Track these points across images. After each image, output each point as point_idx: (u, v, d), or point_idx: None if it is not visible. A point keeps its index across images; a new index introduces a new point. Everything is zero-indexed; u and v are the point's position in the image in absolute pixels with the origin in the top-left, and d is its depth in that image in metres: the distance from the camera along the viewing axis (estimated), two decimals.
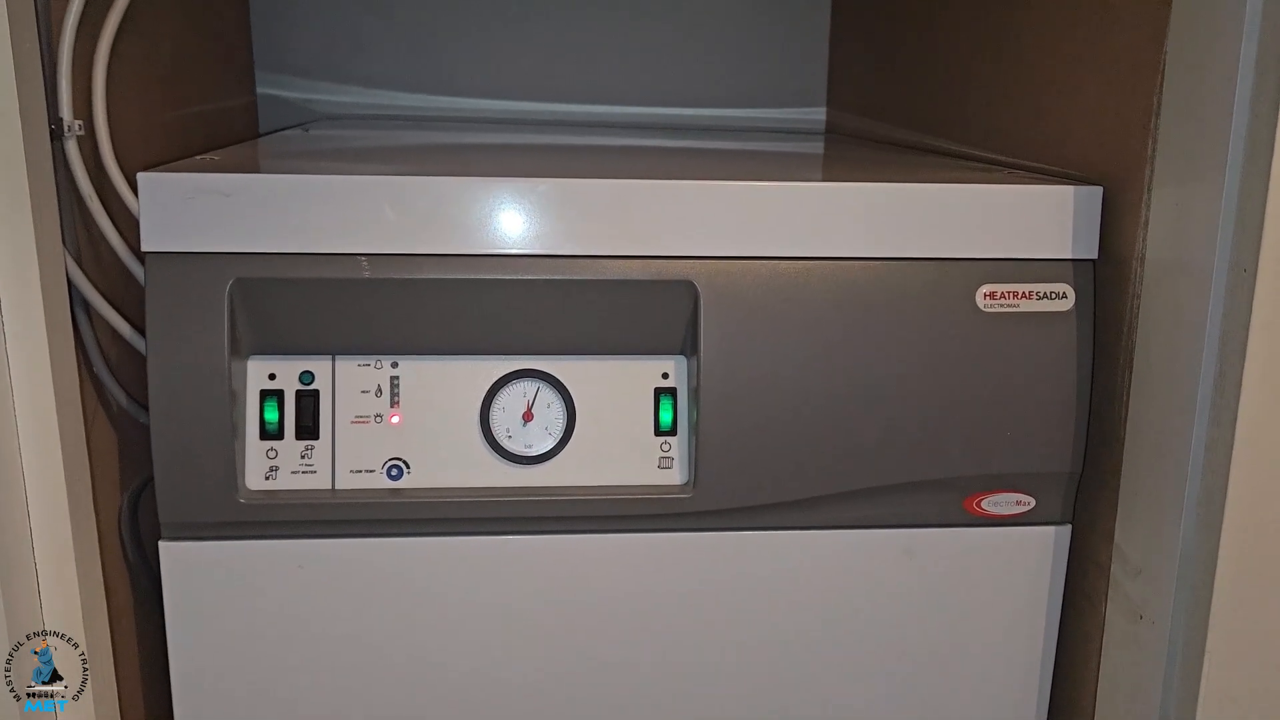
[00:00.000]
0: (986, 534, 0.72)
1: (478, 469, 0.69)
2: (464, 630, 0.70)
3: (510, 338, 0.69)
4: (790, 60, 1.34)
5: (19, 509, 0.65)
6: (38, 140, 0.63)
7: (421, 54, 1.29)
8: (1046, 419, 0.70)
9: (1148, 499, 0.67)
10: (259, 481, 0.67)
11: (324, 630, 0.69)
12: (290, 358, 0.68)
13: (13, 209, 0.61)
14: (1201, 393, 0.61)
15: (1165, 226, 0.65)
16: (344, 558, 0.68)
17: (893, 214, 0.68)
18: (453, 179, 0.65)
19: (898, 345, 0.68)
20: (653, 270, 0.67)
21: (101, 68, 0.71)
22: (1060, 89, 0.77)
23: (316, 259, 0.65)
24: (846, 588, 0.72)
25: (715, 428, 0.68)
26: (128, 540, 0.78)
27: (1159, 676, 0.66)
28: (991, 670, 0.75)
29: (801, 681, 0.74)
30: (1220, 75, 0.59)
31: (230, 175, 0.64)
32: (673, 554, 0.70)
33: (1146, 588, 0.67)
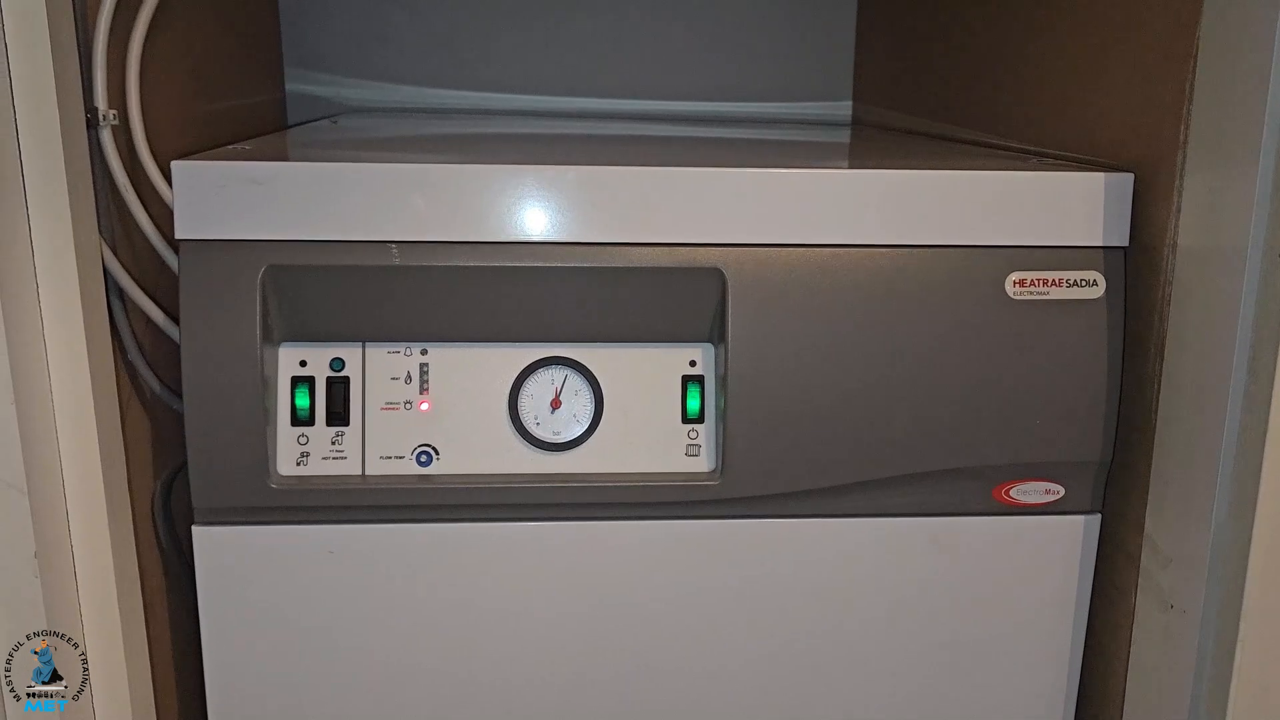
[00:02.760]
0: (1015, 523, 0.72)
1: (506, 455, 0.69)
2: (492, 615, 0.71)
3: (538, 325, 0.69)
4: (816, 53, 1.34)
5: (56, 494, 0.65)
6: (74, 128, 0.64)
7: (449, 49, 1.29)
8: (1076, 407, 0.69)
9: (1179, 488, 0.66)
10: (290, 467, 0.68)
11: (354, 614, 0.70)
12: (321, 345, 0.69)
13: (50, 196, 0.62)
14: (1234, 380, 0.61)
15: (1198, 213, 0.64)
16: (373, 543, 0.69)
17: (920, 201, 0.68)
18: (482, 167, 0.66)
19: (926, 333, 0.68)
20: (680, 258, 0.67)
21: (135, 59, 0.72)
22: (1090, 76, 0.77)
23: (347, 246, 0.65)
24: (873, 577, 0.72)
25: (742, 415, 0.68)
26: (161, 526, 0.79)
27: (1190, 667, 0.65)
28: (1020, 661, 0.75)
29: (828, 670, 0.74)
30: (1254, 59, 0.58)
31: (263, 164, 0.65)
32: (699, 541, 0.70)
33: (1177, 577, 0.67)
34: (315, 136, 0.91)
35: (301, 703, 0.72)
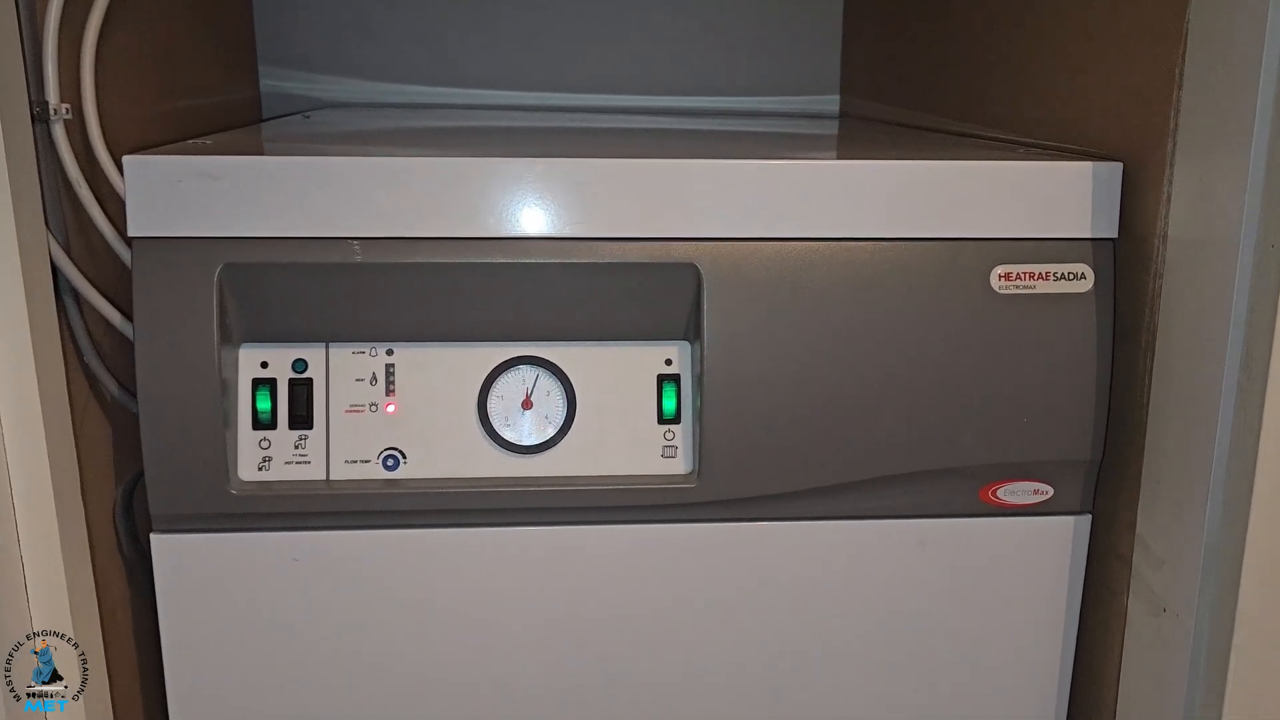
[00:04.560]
0: (1003, 524, 0.70)
1: (476, 459, 0.67)
2: (462, 623, 0.69)
3: (508, 323, 0.67)
4: (804, 46, 1.32)
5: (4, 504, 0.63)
6: (17, 121, 0.61)
7: (427, 44, 1.27)
8: (1065, 405, 0.68)
9: (1171, 487, 0.65)
10: (252, 472, 0.66)
11: (319, 622, 0.68)
12: (283, 345, 0.66)
13: None
14: (1227, 375, 0.59)
15: (1189, 203, 0.63)
16: (339, 549, 0.67)
17: (903, 193, 0.66)
18: (447, 159, 0.64)
19: (909, 329, 0.66)
20: (654, 252, 0.65)
21: (90, 51, 0.70)
22: (1078, 64, 0.75)
23: (307, 243, 0.63)
24: (857, 580, 0.70)
25: (720, 415, 0.66)
26: (123, 533, 0.77)
27: (1183, 671, 0.63)
28: (1010, 664, 0.73)
29: (811, 675, 0.72)
30: (1245, 45, 0.57)
31: (218, 158, 0.63)
32: (677, 545, 0.69)
33: (1170, 579, 0.65)
34: (281, 131, 0.89)
35: (265, 711, 0.70)
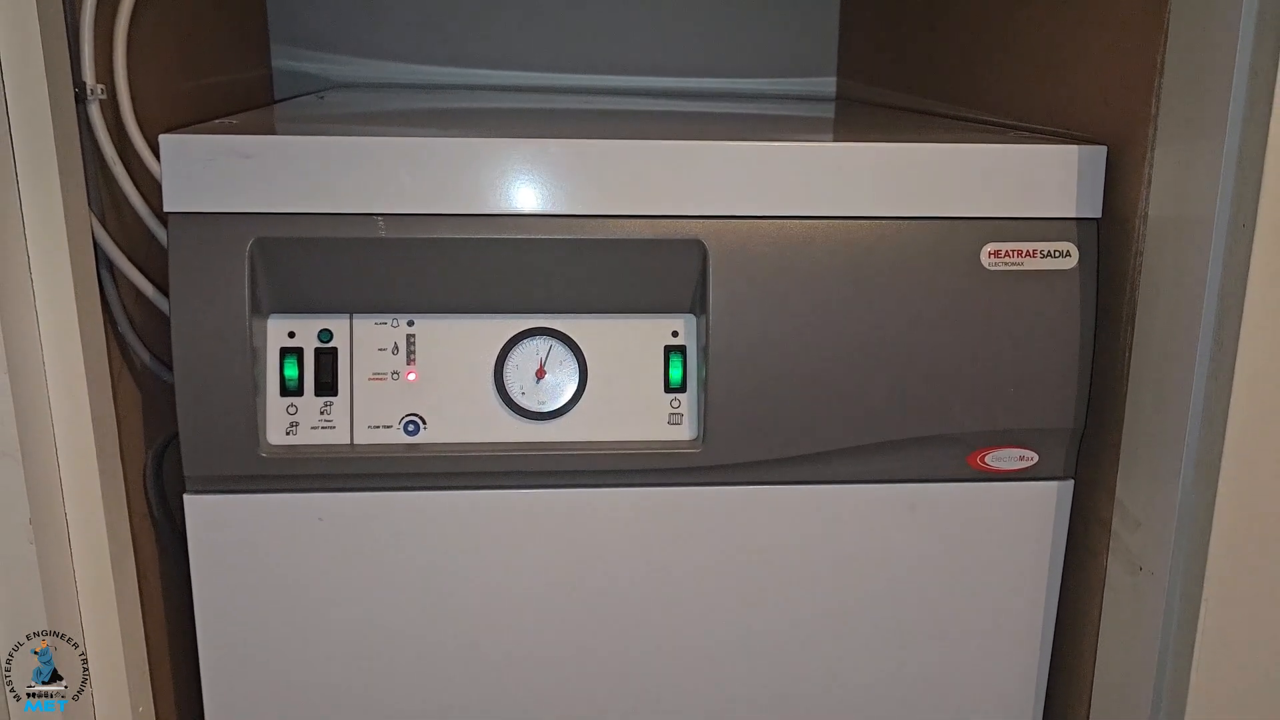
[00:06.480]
0: (990, 489, 0.74)
1: (492, 425, 0.70)
2: (477, 579, 0.72)
3: (523, 296, 0.70)
4: (801, 29, 1.34)
5: (50, 462, 0.67)
6: (64, 103, 0.64)
7: (436, 25, 1.29)
8: (1050, 376, 0.71)
9: (1148, 454, 0.68)
10: (280, 437, 0.69)
11: (342, 578, 0.71)
12: (309, 316, 0.70)
13: (40, 170, 0.63)
14: (1201, 348, 0.62)
15: (1168, 184, 0.66)
16: (362, 510, 0.70)
17: (898, 173, 0.69)
18: (466, 140, 0.67)
19: (903, 303, 0.69)
20: (662, 230, 0.68)
21: (122, 34, 0.72)
22: (1066, 51, 0.78)
23: (334, 219, 0.66)
24: (852, 541, 0.74)
25: (723, 384, 0.69)
26: (153, 496, 0.80)
27: (1158, 625, 0.67)
28: (994, 622, 0.77)
29: (806, 633, 0.76)
30: (1222, 34, 0.60)
31: (251, 137, 0.66)
32: (682, 507, 0.72)
33: (1146, 540, 0.68)
34: (302, 111, 0.92)
35: (292, 666, 0.73)
